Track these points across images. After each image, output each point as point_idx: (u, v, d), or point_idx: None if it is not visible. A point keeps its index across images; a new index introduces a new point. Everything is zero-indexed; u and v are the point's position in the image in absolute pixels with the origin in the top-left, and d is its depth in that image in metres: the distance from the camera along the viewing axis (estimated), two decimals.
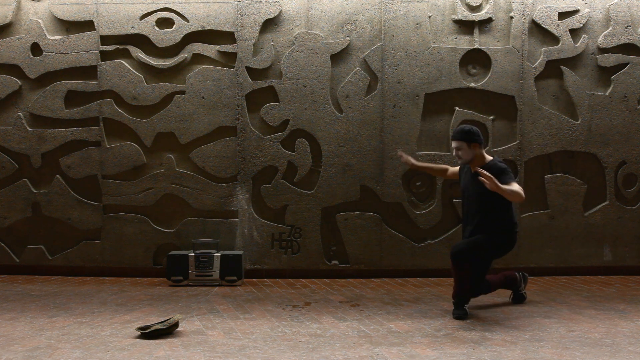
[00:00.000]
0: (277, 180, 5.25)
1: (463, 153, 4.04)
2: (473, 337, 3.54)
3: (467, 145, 4.01)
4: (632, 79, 5.27)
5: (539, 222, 5.29)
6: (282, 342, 3.45)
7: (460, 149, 4.04)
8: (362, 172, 5.26)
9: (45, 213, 5.30)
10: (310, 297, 4.61)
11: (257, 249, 5.28)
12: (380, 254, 5.26)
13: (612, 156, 5.29)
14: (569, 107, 5.29)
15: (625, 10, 5.23)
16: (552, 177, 5.30)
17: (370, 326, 3.78)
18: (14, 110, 5.31)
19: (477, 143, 4.02)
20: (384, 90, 5.24)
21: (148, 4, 5.21)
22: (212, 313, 4.11)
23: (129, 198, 5.27)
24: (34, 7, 5.27)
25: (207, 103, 5.25)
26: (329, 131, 5.24)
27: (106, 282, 5.12)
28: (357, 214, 5.27)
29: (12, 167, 5.31)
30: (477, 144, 4.03)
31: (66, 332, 3.62)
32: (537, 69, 5.23)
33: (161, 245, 5.28)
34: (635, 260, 5.34)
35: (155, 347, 3.33)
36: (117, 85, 5.24)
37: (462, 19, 5.20)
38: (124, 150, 5.27)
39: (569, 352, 3.25)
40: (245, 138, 5.25)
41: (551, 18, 5.21)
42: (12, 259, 5.34)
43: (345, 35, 5.23)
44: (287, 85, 5.23)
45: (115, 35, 5.24)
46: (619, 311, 4.14)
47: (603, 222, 5.31)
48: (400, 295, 4.68)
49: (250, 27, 5.21)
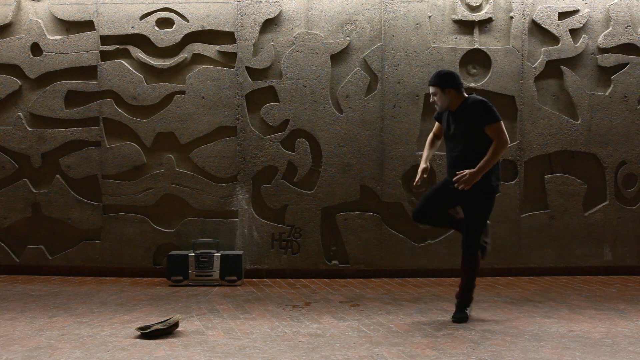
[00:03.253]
0: (277, 180, 5.25)
1: (438, 99, 3.84)
2: (473, 337, 3.54)
3: (441, 91, 3.81)
4: (632, 79, 5.27)
5: (539, 222, 5.29)
6: (282, 342, 3.44)
7: (436, 94, 3.84)
8: (362, 172, 5.26)
9: (45, 213, 5.30)
10: (310, 297, 4.61)
11: (257, 249, 5.28)
12: (380, 254, 5.26)
13: (612, 156, 5.29)
14: (569, 107, 5.29)
15: (625, 10, 5.23)
16: (552, 177, 5.30)
17: (370, 326, 3.78)
18: (14, 110, 5.31)
19: (452, 89, 3.80)
20: (384, 90, 5.24)
21: (148, 4, 5.21)
22: (212, 313, 4.11)
23: (129, 198, 5.27)
24: (34, 7, 5.28)
25: (207, 103, 5.25)
26: (329, 131, 5.24)
27: (106, 282, 5.12)
28: (357, 214, 5.27)
29: (12, 167, 5.31)
30: (452, 89, 3.80)
31: (66, 332, 3.62)
32: (537, 69, 5.23)
33: (161, 245, 5.28)
34: (635, 260, 5.34)
35: (155, 347, 3.33)
36: (117, 85, 5.25)
37: (462, 19, 5.21)
38: (124, 150, 5.27)
39: (569, 352, 3.25)
40: (245, 138, 5.25)
41: (551, 18, 5.21)
42: (12, 259, 5.34)
43: (345, 35, 5.23)
44: (287, 85, 5.23)
45: (115, 35, 5.24)
46: (619, 311, 4.14)
47: (603, 222, 5.31)
48: (400, 295, 4.68)
49: (250, 27, 5.21)
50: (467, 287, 3.90)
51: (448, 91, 3.81)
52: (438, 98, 3.85)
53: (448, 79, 3.82)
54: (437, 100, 3.86)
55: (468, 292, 3.91)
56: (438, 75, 3.87)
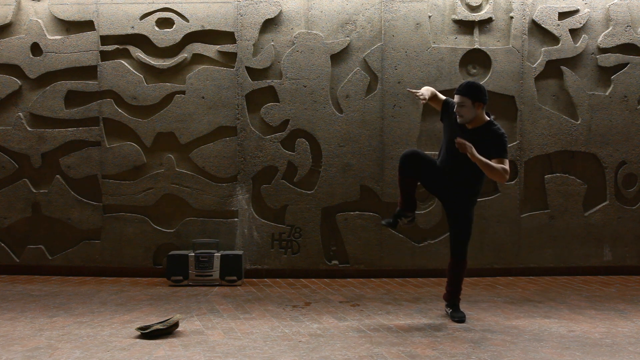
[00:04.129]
0: (277, 180, 5.25)
1: (465, 111, 3.68)
2: (473, 337, 3.54)
3: (472, 103, 3.67)
4: (632, 79, 5.27)
5: (539, 222, 5.29)
6: (282, 342, 3.44)
7: (464, 105, 3.67)
8: (362, 172, 5.26)
9: (45, 213, 5.30)
10: (310, 297, 4.61)
11: (257, 249, 5.28)
12: (380, 254, 5.26)
13: (612, 156, 5.29)
14: (569, 107, 5.29)
15: (625, 10, 5.23)
16: (552, 177, 5.30)
17: (370, 326, 3.78)
18: (14, 110, 5.31)
19: (482, 103, 3.69)
20: (384, 90, 5.24)
21: (148, 4, 5.21)
22: (212, 313, 4.11)
23: (129, 198, 5.27)
24: (34, 7, 5.27)
25: (207, 103, 5.25)
26: (329, 131, 5.24)
27: (106, 282, 5.12)
28: (357, 214, 5.27)
29: (12, 167, 5.31)
30: (482, 104, 3.70)
31: (66, 332, 3.62)
32: (537, 69, 5.23)
33: (161, 245, 5.28)
34: (635, 260, 5.34)
35: (155, 347, 3.33)
36: (117, 85, 5.24)
37: (462, 19, 5.21)
38: (124, 150, 5.27)
39: (569, 352, 3.25)
40: (245, 138, 5.25)
41: (551, 18, 5.21)
42: (12, 259, 5.34)
43: (345, 35, 5.23)
44: (287, 85, 5.23)
45: (115, 35, 5.24)
46: (619, 311, 4.14)
47: (603, 222, 5.31)
48: (400, 295, 4.68)
49: (250, 27, 5.21)
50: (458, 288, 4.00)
51: (478, 105, 3.68)
52: (465, 109, 3.69)
53: (481, 93, 3.70)
54: (463, 112, 3.70)
55: (458, 293, 4.01)
56: (470, 86, 3.71)
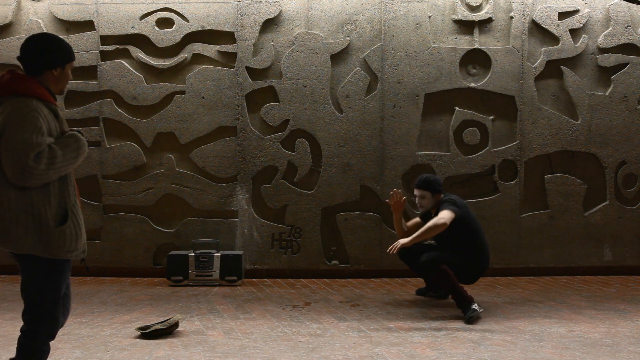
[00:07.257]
0: (277, 180, 5.25)
1: (426, 202, 4.19)
2: (473, 337, 3.54)
3: (432, 195, 4.17)
4: (632, 79, 5.27)
5: (539, 222, 5.29)
6: (282, 342, 3.45)
7: (424, 197, 4.18)
8: (362, 172, 5.26)
9: None
10: (310, 297, 4.61)
11: (257, 249, 5.28)
12: (380, 254, 5.26)
13: (612, 156, 5.29)
14: (569, 107, 5.29)
15: (625, 10, 5.23)
16: (552, 177, 5.30)
17: (370, 326, 3.78)
18: None
19: (440, 193, 4.19)
20: (384, 90, 5.24)
21: (148, 4, 5.21)
22: (212, 313, 4.11)
23: (129, 198, 5.27)
24: (34, 7, 5.28)
25: (207, 103, 5.25)
26: (329, 131, 5.24)
27: (106, 282, 5.12)
28: (357, 214, 5.27)
29: None
30: (439, 194, 4.18)
31: (66, 332, 3.61)
32: (537, 69, 5.23)
33: (161, 245, 5.28)
34: (635, 260, 5.34)
35: (155, 347, 3.33)
36: (117, 85, 5.25)
37: (462, 19, 5.21)
38: (124, 150, 5.27)
39: (569, 352, 3.25)
40: (245, 138, 5.25)
41: (551, 18, 5.21)
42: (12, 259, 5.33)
43: (345, 35, 5.23)
44: (287, 85, 5.23)
45: (115, 35, 5.24)
46: (619, 311, 4.14)
47: (603, 222, 5.31)
48: (400, 295, 4.68)
49: (250, 27, 5.21)
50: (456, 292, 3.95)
51: (436, 195, 4.18)
52: (426, 202, 4.19)
53: (437, 185, 4.19)
54: (425, 204, 4.20)
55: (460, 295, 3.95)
56: (427, 181, 4.18)
